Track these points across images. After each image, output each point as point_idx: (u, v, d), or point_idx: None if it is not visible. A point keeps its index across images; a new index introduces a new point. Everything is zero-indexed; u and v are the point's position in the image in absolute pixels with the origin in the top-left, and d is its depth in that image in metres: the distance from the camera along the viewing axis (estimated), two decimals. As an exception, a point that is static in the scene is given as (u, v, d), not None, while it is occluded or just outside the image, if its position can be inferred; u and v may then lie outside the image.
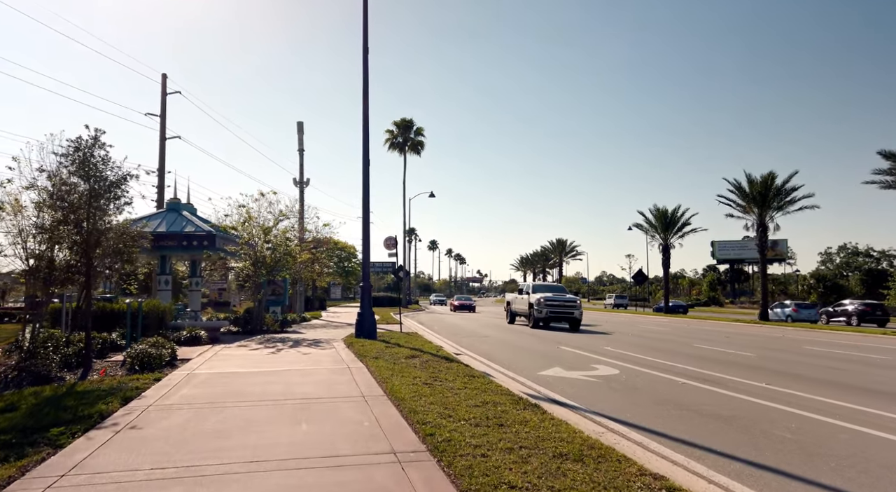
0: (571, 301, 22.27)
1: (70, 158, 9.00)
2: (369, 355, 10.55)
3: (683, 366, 11.31)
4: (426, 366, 9.39)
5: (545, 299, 21.89)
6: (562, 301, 22.01)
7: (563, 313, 21.74)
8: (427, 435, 4.95)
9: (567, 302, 22.07)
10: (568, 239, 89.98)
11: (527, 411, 6.01)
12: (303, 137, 31.04)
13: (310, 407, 6.26)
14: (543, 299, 21.90)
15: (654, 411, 6.94)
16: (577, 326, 21.81)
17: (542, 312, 21.77)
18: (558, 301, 21.98)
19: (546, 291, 23.33)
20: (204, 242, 17.14)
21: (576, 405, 7.08)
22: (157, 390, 7.21)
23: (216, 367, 9.40)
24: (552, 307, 21.73)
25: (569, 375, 9.84)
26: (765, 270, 34.83)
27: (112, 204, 9.26)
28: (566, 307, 21.83)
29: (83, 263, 9.12)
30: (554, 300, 21.94)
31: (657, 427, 6.02)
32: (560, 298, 22.27)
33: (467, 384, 7.63)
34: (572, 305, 21.95)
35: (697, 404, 7.35)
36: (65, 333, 11.00)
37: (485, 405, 6.27)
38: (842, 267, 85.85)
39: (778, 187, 33.31)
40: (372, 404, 6.44)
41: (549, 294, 22.55)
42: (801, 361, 12.91)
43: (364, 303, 15.25)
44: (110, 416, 5.75)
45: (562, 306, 21.82)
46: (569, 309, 21.80)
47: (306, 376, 8.43)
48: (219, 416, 5.82)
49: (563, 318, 21.79)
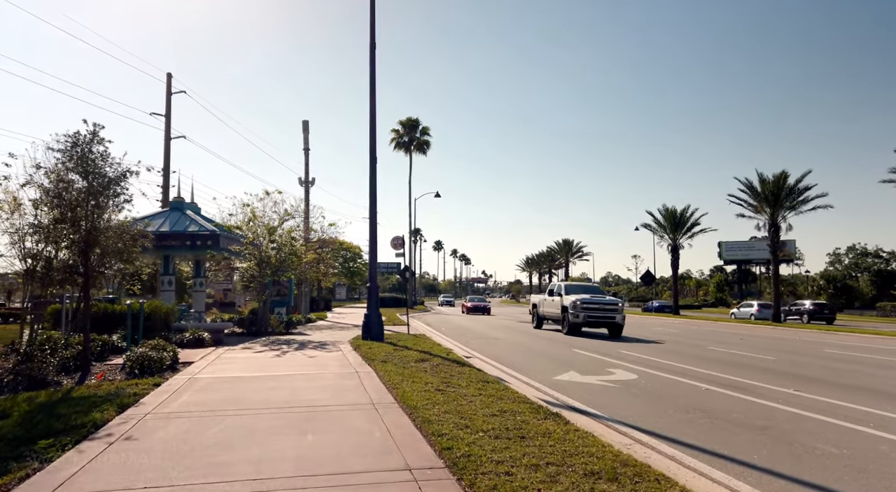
0: (612, 304, 19.60)
1: (68, 154, 8.66)
2: (377, 359, 10.18)
3: (702, 370, 10.89)
4: (437, 370, 9.01)
5: (582, 302, 19.17)
6: (601, 304, 19.40)
7: (602, 318, 19.18)
8: (444, 449, 4.56)
9: (607, 305, 19.48)
10: (574, 239, 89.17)
11: (548, 421, 5.62)
12: (308, 136, 30.75)
13: (317, 416, 5.89)
14: (580, 302, 19.16)
15: (680, 419, 6.54)
16: (619, 333, 19.27)
17: (578, 317, 19.01)
18: (597, 304, 19.34)
19: (581, 293, 20.56)
20: (208, 242, 16.80)
21: (598, 413, 6.69)
22: (157, 396, 6.86)
23: (219, 371, 9.05)
24: (591, 311, 19.07)
25: (585, 380, 9.44)
26: (776, 271, 34.30)
27: (111, 202, 8.93)
28: (607, 311, 19.27)
29: (81, 263, 8.80)
30: (592, 303, 19.27)
31: (688, 439, 5.62)
32: (599, 300, 19.69)
33: (482, 390, 7.25)
34: (613, 309, 19.38)
35: (726, 412, 6.94)
36: (64, 335, 10.70)
37: (503, 414, 5.88)
38: (850, 268, 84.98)
39: (790, 187, 32.77)
40: (382, 412, 6.06)
41: (585, 296, 19.77)
42: (825, 365, 12.45)
43: (371, 304, 14.89)
44: (105, 425, 5.40)
45: (602, 310, 19.22)
46: (609, 313, 19.23)
47: (312, 381, 8.07)
48: (220, 425, 5.46)
49: (602, 323, 19.25)
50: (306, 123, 30.68)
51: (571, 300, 19.48)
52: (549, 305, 21.97)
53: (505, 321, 30.57)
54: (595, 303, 19.34)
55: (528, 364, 11.41)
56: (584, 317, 19.01)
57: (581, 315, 19.02)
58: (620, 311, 19.44)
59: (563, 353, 13.78)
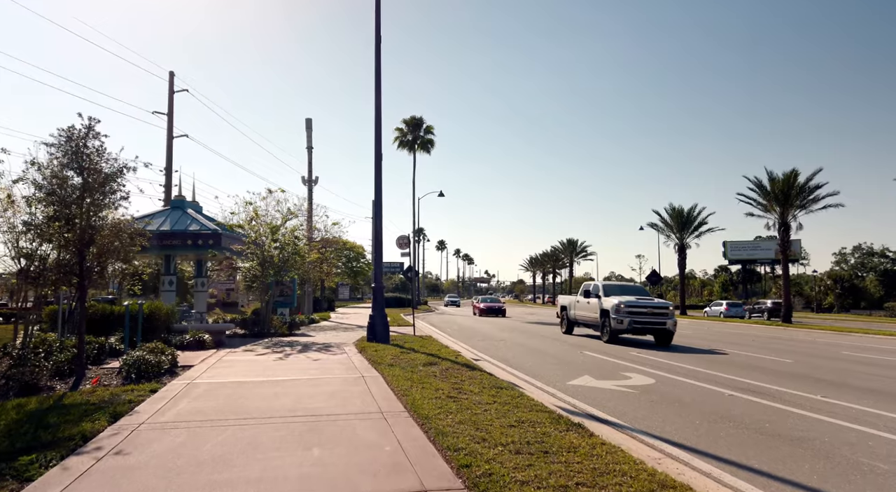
0: (662, 308, 16.76)
1: (62, 150, 8.31)
2: (384, 362, 9.80)
3: (721, 374, 10.47)
4: (447, 375, 8.62)
5: (627, 305, 16.43)
6: (650, 307, 16.57)
7: (651, 324, 16.34)
8: (462, 466, 4.17)
9: (657, 309, 16.63)
10: (578, 239, 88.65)
11: (571, 433, 5.22)
12: (311, 134, 30.38)
13: (322, 427, 5.51)
14: (625, 305, 16.41)
15: (709, 429, 6.13)
16: (669, 341, 16.52)
17: (622, 322, 16.26)
18: (645, 307, 16.51)
19: (623, 294, 17.79)
20: (209, 241, 16.45)
21: (620, 423, 6.29)
22: (152, 403, 6.49)
23: (219, 375, 8.68)
24: (638, 315, 16.28)
25: (601, 385, 9.04)
26: (786, 271, 33.80)
27: (107, 198, 8.56)
28: (656, 315, 16.43)
29: (77, 262, 8.44)
30: (639, 306, 16.48)
31: (722, 452, 5.22)
32: (647, 303, 16.84)
33: (496, 397, 6.85)
34: (663, 313, 16.54)
35: (756, 422, 6.53)
36: (59, 338, 10.36)
37: (521, 425, 5.49)
38: (857, 267, 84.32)
39: (801, 185, 32.26)
40: (392, 422, 5.68)
41: (630, 298, 17.01)
42: (846, 368, 12.02)
43: (376, 305, 14.50)
44: (94, 437, 5.02)
45: (651, 314, 16.42)
46: (659, 318, 16.42)
47: (317, 387, 7.69)
48: (218, 437, 5.08)
49: (651, 329, 16.46)
50: (309, 121, 30.33)
51: (614, 303, 16.65)
52: (582, 307, 19.27)
53: (511, 322, 30.18)
54: (642, 306, 16.56)
55: (539, 368, 11.01)
56: (630, 322, 16.23)
57: (626, 321, 16.26)
58: (672, 315, 16.75)
59: (573, 355, 13.38)
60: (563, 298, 22.26)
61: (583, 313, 19.28)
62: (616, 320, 16.42)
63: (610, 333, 16.66)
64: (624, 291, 18.26)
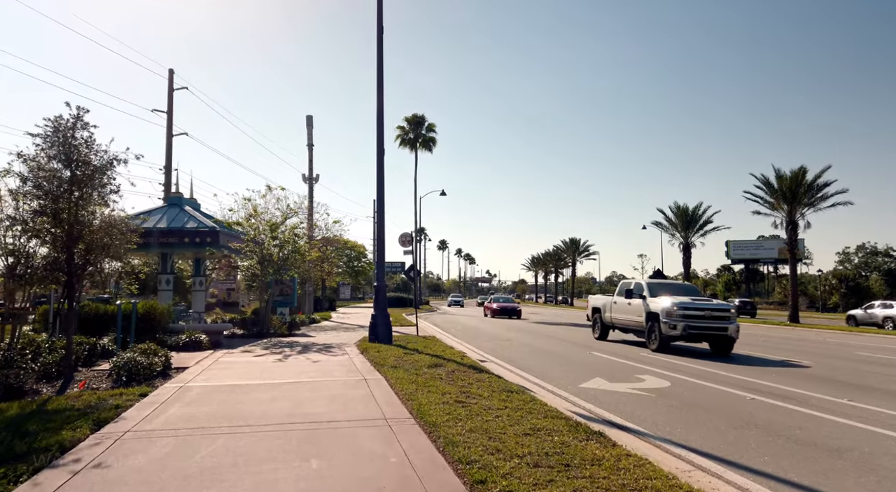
0: (722, 310, 14.17)
1: (49, 141, 7.90)
2: (387, 364, 9.39)
3: (738, 376, 10.06)
4: (453, 378, 8.21)
5: (681, 307, 13.82)
6: (708, 310, 14.00)
7: (710, 330, 13.74)
8: (476, 482, 3.77)
9: (717, 311, 14.04)
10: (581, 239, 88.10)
11: (592, 443, 4.81)
12: (312, 131, 29.99)
13: (321, 435, 5.10)
14: (679, 307, 13.82)
15: (737, 437, 5.71)
16: (730, 350, 13.90)
17: (676, 328, 13.65)
18: (703, 310, 13.94)
19: (675, 293, 15.06)
20: (207, 239, 16.03)
21: (641, 430, 5.87)
22: (141, 409, 6.08)
23: (214, 378, 8.27)
24: (694, 319, 13.69)
25: (614, 388, 8.62)
26: (794, 270, 33.33)
27: (96, 192, 8.16)
28: (716, 319, 13.83)
29: (64, 259, 8.04)
30: (696, 308, 13.91)
31: (755, 463, 4.80)
32: (704, 304, 14.33)
33: (507, 402, 6.44)
34: (724, 316, 13.93)
35: (785, 428, 6.12)
36: (48, 338, 9.96)
37: (537, 433, 5.08)
38: (860, 267, 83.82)
39: (809, 183, 31.77)
40: (398, 430, 5.27)
41: (684, 299, 14.36)
42: (866, 369, 11.59)
43: (378, 304, 14.10)
44: (74, 447, 4.62)
45: (710, 318, 13.82)
46: (719, 322, 13.79)
47: (317, 391, 7.28)
48: (209, 447, 4.67)
49: (709, 336, 13.89)
50: (310, 118, 29.95)
51: (665, 304, 14.07)
52: (622, 309, 16.51)
53: (515, 322, 29.77)
54: (699, 308, 13.96)
55: (548, 369, 10.60)
56: (685, 327, 13.58)
57: (680, 326, 13.61)
58: (734, 319, 14.08)
59: (582, 356, 12.96)
60: (595, 298, 19.19)
61: (622, 316, 16.54)
62: (668, 325, 13.80)
63: (660, 341, 14.06)
64: (674, 290, 15.53)
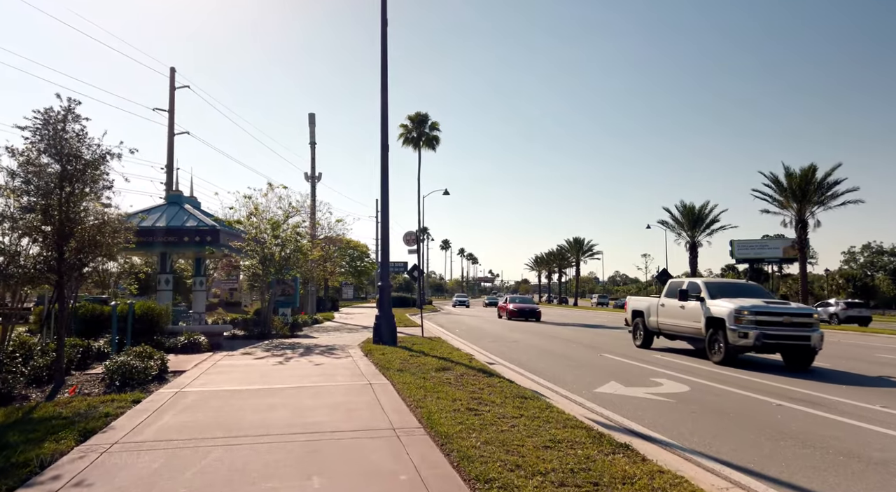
0: (804, 316, 11.62)
1: (38, 134, 7.53)
2: (393, 368, 9.00)
3: (759, 379, 9.64)
4: (463, 382, 7.82)
5: (753, 311, 11.26)
6: (787, 314, 11.47)
7: (790, 338, 11.20)
8: (497, 505, 3.37)
9: (797, 317, 11.50)
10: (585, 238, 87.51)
11: (619, 457, 4.41)
12: (314, 129, 29.64)
13: (324, 447, 4.71)
14: (749, 311, 11.27)
15: (772, 449, 5.30)
16: (810, 362, 11.49)
17: (747, 336, 11.06)
18: (780, 315, 11.41)
19: (737, 294, 12.64)
20: (207, 238, 15.69)
21: (668, 441, 5.46)
22: (132, 417, 5.70)
23: (211, 382, 7.89)
24: (770, 326, 11.18)
25: (631, 392, 8.22)
26: (804, 270, 32.78)
27: (88, 188, 7.78)
28: (796, 327, 11.33)
29: (55, 258, 7.66)
30: (771, 313, 11.38)
31: (799, 480, 4.40)
32: (781, 308, 11.71)
33: (521, 410, 6.05)
34: (806, 322, 11.45)
35: (822, 439, 5.70)
36: (41, 341, 9.59)
37: (558, 445, 4.68)
38: (866, 266, 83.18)
39: (819, 181, 31.27)
40: (407, 442, 4.87)
41: (755, 301, 11.87)
42: (890, 373, 11.16)
43: (383, 304, 13.71)
44: (55, 462, 4.23)
45: (790, 324, 11.31)
46: (801, 329, 11.31)
47: (319, 397, 6.89)
48: (201, 462, 4.28)
49: (787, 346, 11.34)
50: (312, 116, 29.60)
51: (731, 308, 11.52)
52: (672, 313, 13.91)
53: (520, 323, 29.37)
54: (776, 313, 11.43)
55: (559, 372, 10.19)
56: (759, 336, 10.98)
57: (753, 334, 11.01)
58: (817, 326, 11.54)
59: (593, 358, 12.56)
60: (636, 299, 16.58)
61: (672, 321, 13.92)
62: (737, 333, 11.24)
63: (726, 352, 11.51)
64: (735, 291, 13.05)
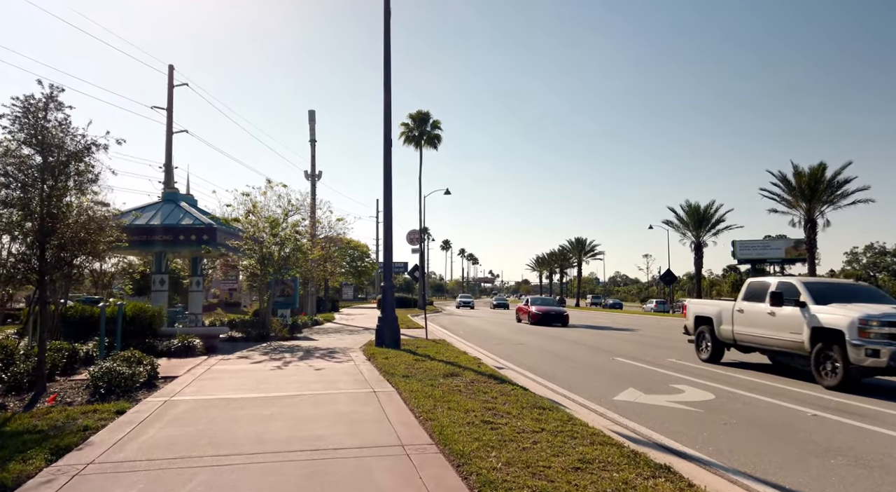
0: None
1: (18, 123, 7.01)
2: (398, 373, 8.47)
3: (784, 386, 9.12)
4: (473, 390, 7.29)
5: (884, 321, 8.59)
6: None
7: None
8: (531, 546, 2.84)
9: None
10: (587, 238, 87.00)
11: (661, 481, 3.89)
12: (314, 126, 29.12)
13: (326, 468, 4.18)
14: (879, 320, 8.60)
15: (820, 468, 4.77)
16: None
17: (878, 354, 8.36)
18: None
19: (851, 299, 9.83)
20: (204, 237, 15.13)
21: (708, 460, 4.92)
22: (113, 431, 5.17)
23: (204, 390, 7.36)
24: None
25: (652, 400, 7.69)
26: (812, 270, 32.29)
27: (72, 181, 7.26)
28: None
29: (36, 256, 7.14)
30: None
31: (865, 507, 3.87)
32: None
33: (541, 423, 5.52)
34: None
35: (872, 454, 5.18)
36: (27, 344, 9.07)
37: (588, 467, 4.15)
38: (869, 267, 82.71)
39: (828, 180, 30.73)
40: (418, 461, 4.34)
41: (885, 308, 9.21)
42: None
43: (386, 305, 13.19)
44: (18, 487, 3.71)
45: None
46: None
47: (320, 406, 6.37)
48: (185, 487, 3.76)
49: None
50: (312, 113, 29.08)
51: (853, 317, 8.82)
52: (756, 321, 11.02)
53: (521, 325, 28.81)
54: None
55: (573, 378, 9.66)
56: (893, 354, 8.28)
57: (887, 351, 8.32)
58: None
59: (605, 362, 12.02)
60: (698, 303, 13.62)
61: (756, 332, 11.02)
62: (863, 350, 8.53)
63: (845, 374, 8.78)
64: (849, 295, 10.20)
